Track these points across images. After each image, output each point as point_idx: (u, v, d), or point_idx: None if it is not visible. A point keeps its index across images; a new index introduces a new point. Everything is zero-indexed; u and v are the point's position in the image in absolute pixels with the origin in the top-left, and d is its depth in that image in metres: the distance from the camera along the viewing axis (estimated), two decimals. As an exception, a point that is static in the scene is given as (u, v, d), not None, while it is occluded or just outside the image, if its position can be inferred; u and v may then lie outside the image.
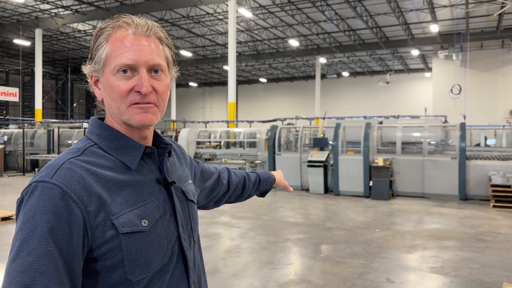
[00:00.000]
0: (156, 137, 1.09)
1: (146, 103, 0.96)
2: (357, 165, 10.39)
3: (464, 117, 17.13)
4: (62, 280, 0.82)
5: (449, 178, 9.81)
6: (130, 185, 0.96)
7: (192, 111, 41.13)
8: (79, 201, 0.87)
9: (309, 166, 10.85)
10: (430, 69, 29.01)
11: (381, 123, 11.60)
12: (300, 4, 18.79)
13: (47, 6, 19.54)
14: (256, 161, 12.37)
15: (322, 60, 28.24)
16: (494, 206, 8.83)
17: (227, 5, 16.87)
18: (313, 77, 32.51)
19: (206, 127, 18.61)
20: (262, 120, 17.24)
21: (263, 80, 37.90)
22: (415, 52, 25.64)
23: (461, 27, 20.11)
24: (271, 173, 1.67)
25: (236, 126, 17.62)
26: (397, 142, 10.55)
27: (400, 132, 10.64)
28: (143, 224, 0.93)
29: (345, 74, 33.84)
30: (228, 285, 4.46)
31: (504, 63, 23.02)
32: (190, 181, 1.18)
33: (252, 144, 15.64)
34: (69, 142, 16.75)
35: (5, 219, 7.35)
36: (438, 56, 23.04)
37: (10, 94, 22.08)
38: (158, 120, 1.01)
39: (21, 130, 16.88)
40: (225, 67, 29.40)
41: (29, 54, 26.32)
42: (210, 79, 39.14)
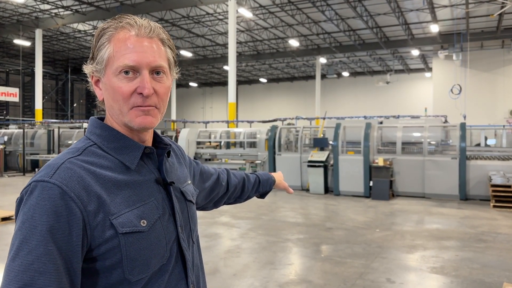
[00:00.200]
0: (156, 138, 1.09)
1: (147, 106, 0.96)
2: (357, 165, 10.39)
3: (464, 117, 17.15)
4: (62, 280, 0.82)
5: (450, 178, 9.81)
6: (129, 185, 0.96)
7: (192, 111, 41.14)
8: (79, 201, 0.87)
9: (309, 166, 10.84)
10: (430, 69, 29.00)
11: (381, 123, 11.60)
12: (300, 4, 18.79)
13: (47, 6, 19.55)
14: (256, 161, 12.37)
15: (322, 60, 28.23)
16: (495, 206, 8.83)
17: (227, 5, 16.87)
18: (313, 77, 32.53)
19: (206, 127, 18.61)
20: (262, 120, 17.26)
21: (263, 80, 37.89)
22: (415, 52, 25.63)
23: (461, 27, 20.10)
24: (271, 175, 1.67)
25: (236, 126, 17.62)
26: (397, 142, 10.54)
27: (400, 132, 10.64)
28: (142, 224, 0.93)
29: (345, 74, 33.83)
30: (229, 285, 4.46)
31: (504, 63, 23.02)
32: (189, 182, 1.18)
33: (252, 144, 15.63)
34: (69, 142, 16.76)
35: (5, 219, 7.35)
36: (438, 56, 23.04)
37: (10, 94, 22.07)
38: (159, 122, 1.01)
39: (21, 130, 16.88)
40: (225, 67, 29.40)
41: (29, 54, 26.34)
42: (210, 79, 39.14)
